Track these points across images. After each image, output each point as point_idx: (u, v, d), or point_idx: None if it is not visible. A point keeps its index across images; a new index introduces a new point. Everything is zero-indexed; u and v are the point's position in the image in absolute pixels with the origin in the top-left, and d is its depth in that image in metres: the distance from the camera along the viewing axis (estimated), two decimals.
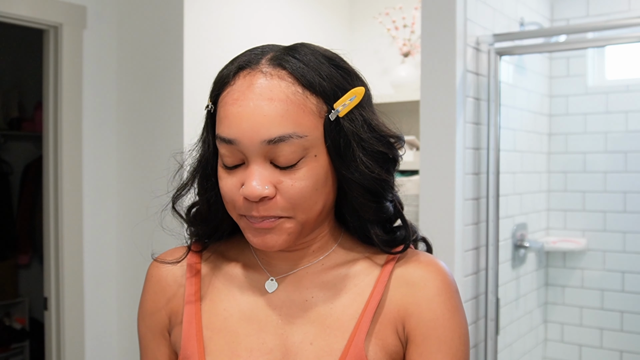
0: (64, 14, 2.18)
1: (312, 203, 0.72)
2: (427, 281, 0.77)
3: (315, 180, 0.71)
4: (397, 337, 0.76)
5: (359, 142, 0.72)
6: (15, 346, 3.61)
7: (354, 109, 0.73)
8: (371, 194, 0.74)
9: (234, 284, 0.81)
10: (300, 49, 0.75)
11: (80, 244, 2.23)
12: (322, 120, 0.71)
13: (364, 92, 0.75)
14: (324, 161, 0.72)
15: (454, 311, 0.77)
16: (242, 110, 0.69)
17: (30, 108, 3.77)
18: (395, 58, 2.77)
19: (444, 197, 1.96)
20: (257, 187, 0.69)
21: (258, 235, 0.72)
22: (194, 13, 2.09)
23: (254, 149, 0.69)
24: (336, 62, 0.75)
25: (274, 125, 0.68)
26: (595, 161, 2.74)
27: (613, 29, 2.01)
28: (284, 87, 0.70)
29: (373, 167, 0.73)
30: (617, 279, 2.69)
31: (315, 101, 0.71)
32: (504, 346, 2.37)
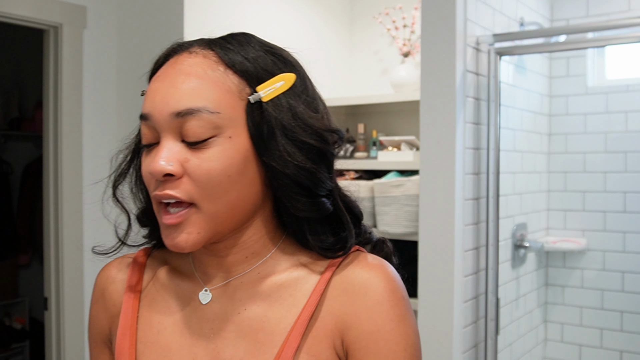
0: (64, 14, 2.18)
1: (221, 191, 0.66)
2: (368, 288, 0.70)
3: (227, 164, 0.66)
4: (334, 352, 0.69)
5: (281, 129, 0.68)
6: (15, 346, 3.61)
7: (281, 95, 0.69)
8: (299, 186, 0.69)
9: (171, 295, 0.77)
10: (235, 34, 0.73)
11: (80, 244, 2.23)
12: (243, 103, 0.68)
13: (294, 79, 0.71)
14: (241, 145, 0.67)
15: (399, 321, 0.69)
16: (158, 85, 0.68)
17: (30, 108, 3.77)
18: (395, 58, 2.77)
19: (444, 197, 1.96)
20: (161, 163, 0.65)
21: (169, 234, 0.68)
22: (194, 13, 2.09)
23: (164, 123, 0.66)
24: (270, 48, 0.73)
25: (183, 98, 0.65)
26: (595, 161, 2.74)
27: (613, 29, 2.01)
28: (205, 64, 0.68)
29: (296, 156, 0.68)
30: (617, 279, 2.69)
31: (237, 81, 0.68)
32: (504, 346, 2.37)
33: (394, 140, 2.56)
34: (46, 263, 2.25)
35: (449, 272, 1.95)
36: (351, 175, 2.64)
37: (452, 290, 1.95)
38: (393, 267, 0.75)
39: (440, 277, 1.97)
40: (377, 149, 2.68)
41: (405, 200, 2.41)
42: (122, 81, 2.32)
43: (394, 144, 2.57)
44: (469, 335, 2.07)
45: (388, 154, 2.55)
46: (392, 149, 2.57)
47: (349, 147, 2.75)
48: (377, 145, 2.69)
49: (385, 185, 2.46)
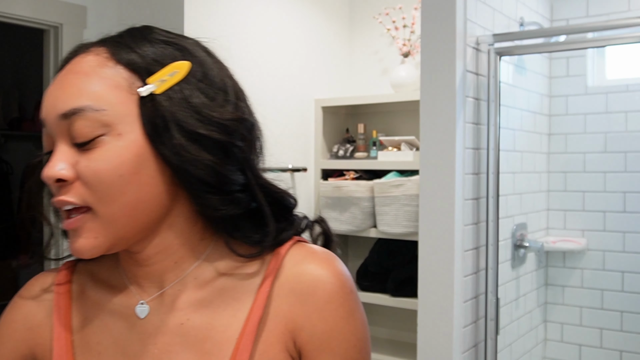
0: (64, 14, 2.18)
1: (115, 192, 0.62)
2: (316, 287, 0.67)
3: (117, 164, 0.62)
4: (287, 355, 0.67)
5: (175, 122, 0.63)
6: None
7: (176, 86, 0.65)
8: (204, 183, 0.64)
9: (105, 312, 0.71)
10: (132, 29, 0.70)
11: None
12: (136, 97, 0.64)
13: (188, 67, 0.66)
14: (133, 142, 0.63)
15: (348, 317, 0.68)
16: (50, 89, 0.65)
17: (30, 108, 3.77)
18: (395, 58, 2.77)
19: (444, 197, 1.96)
20: (51, 168, 0.62)
21: (69, 239, 0.65)
22: (194, 13, 2.09)
23: (54, 127, 0.63)
24: (169, 39, 0.68)
25: (69, 98, 0.62)
26: (595, 161, 2.74)
27: (613, 29, 2.01)
28: (94, 61, 0.65)
29: (192, 150, 0.63)
30: (617, 278, 2.69)
31: (127, 75, 0.64)
32: (504, 346, 2.37)
33: (394, 140, 2.56)
34: (46, 263, 2.25)
35: (449, 272, 1.95)
36: (351, 175, 2.64)
37: (452, 290, 1.95)
38: (334, 250, 0.73)
39: (440, 277, 1.97)
40: (377, 149, 2.68)
41: (405, 200, 2.41)
42: None
43: (394, 144, 2.57)
44: (469, 335, 2.07)
45: (388, 154, 2.55)
46: (392, 149, 2.57)
47: (349, 147, 2.75)
48: (377, 145, 2.69)
49: (385, 185, 2.46)
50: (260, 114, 0.70)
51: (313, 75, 2.73)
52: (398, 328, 2.79)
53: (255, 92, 2.99)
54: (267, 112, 3.06)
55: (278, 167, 2.59)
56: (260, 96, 3.01)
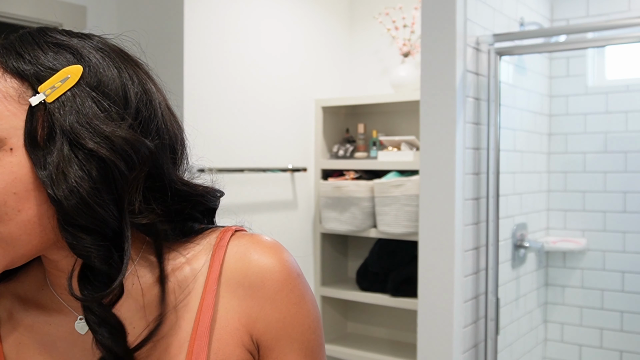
0: (64, 14, 2.18)
1: (10, 211, 0.57)
2: (264, 277, 0.65)
3: (9, 181, 0.56)
4: (244, 350, 0.65)
5: (66, 134, 0.57)
6: None
7: (69, 93, 0.59)
8: (75, 220, 0.57)
9: (42, 334, 0.66)
10: (24, 33, 0.63)
11: None
12: (27, 107, 0.58)
13: (80, 71, 0.60)
14: (25, 159, 0.57)
15: (300, 302, 0.67)
16: None
17: None
18: (395, 58, 2.77)
19: (444, 197, 1.96)
20: None
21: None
22: (194, 13, 2.09)
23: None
24: (60, 41, 0.62)
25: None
26: (595, 161, 2.74)
27: (613, 29, 2.01)
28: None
29: (74, 172, 0.57)
30: (617, 279, 2.69)
31: (17, 85, 0.58)
32: (504, 346, 2.37)
33: (394, 140, 2.56)
34: None
35: (449, 272, 1.95)
36: (351, 175, 2.64)
37: (452, 290, 1.95)
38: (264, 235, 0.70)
39: (440, 277, 1.97)
40: (377, 149, 2.68)
41: (405, 200, 2.41)
42: None
43: (394, 144, 2.57)
44: (469, 335, 2.07)
45: (388, 154, 2.55)
46: (392, 149, 2.57)
47: (349, 147, 2.75)
48: (377, 145, 2.69)
49: (385, 185, 2.46)
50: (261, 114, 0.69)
51: (313, 75, 2.73)
52: (398, 328, 2.79)
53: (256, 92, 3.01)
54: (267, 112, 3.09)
55: (278, 167, 2.60)
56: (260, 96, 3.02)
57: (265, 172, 2.46)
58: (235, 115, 2.30)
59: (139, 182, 0.61)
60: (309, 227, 2.74)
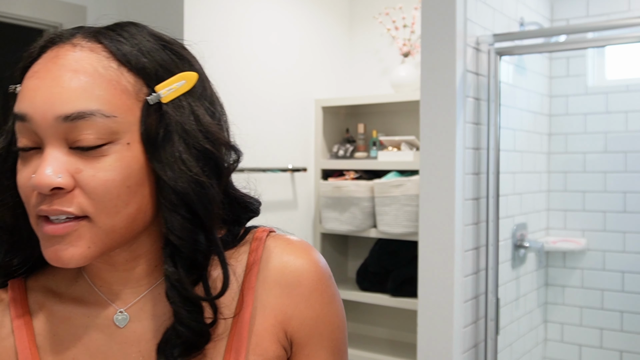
0: (64, 14, 2.18)
1: (120, 204, 0.58)
2: (300, 277, 0.68)
3: (126, 175, 0.58)
4: (279, 346, 0.67)
5: (181, 134, 0.60)
6: None
7: (182, 97, 0.62)
8: (184, 204, 0.61)
9: (78, 326, 0.66)
10: (124, 25, 0.64)
11: None
12: (141, 104, 0.60)
13: (195, 78, 0.64)
14: (139, 154, 0.59)
15: (331, 302, 0.70)
16: (38, 83, 0.57)
17: None
18: (395, 58, 2.77)
19: (444, 197, 1.96)
20: (48, 175, 0.55)
21: (50, 245, 0.58)
22: (194, 13, 2.09)
23: (48, 128, 0.56)
24: (166, 42, 0.64)
25: (72, 99, 0.56)
26: (595, 161, 2.74)
27: (613, 29, 2.01)
28: (95, 59, 0.58)
29: (192, 166, 0.60)
30: (617, 279, 2.69)
31: (133, 80, 0.60)
32: (504, 346, 2.37)
33: (394, 140, 2.56)
34: None
35: (449, 272, 1.95)
36: (351, 175, 2.64)
37: (452, 290, 1.95)
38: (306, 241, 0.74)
39: (440, 277, 1.97)
40: (377, 149, 2.68)
41: (405, 200, 2.41)
42: None
43: (394, 144, 2.57)
44: (469, 335, 2.07)
45: (388, 154, 2.55)
46: (392, 149, 2.57)
47: (349, 147, 2.75)
48: (377, 145, 2.69)
49: (385, 185, 2.46)
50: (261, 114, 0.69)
51: (313, 75, 2.73)
52: (398, 328, 2.79)
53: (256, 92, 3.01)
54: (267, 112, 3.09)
55: (278, 167, 2.59)
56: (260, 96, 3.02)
57: (265, 172, 2.47)
58: (235, 115, 2.30)
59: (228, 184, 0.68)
60: (309, 227, 2.74)
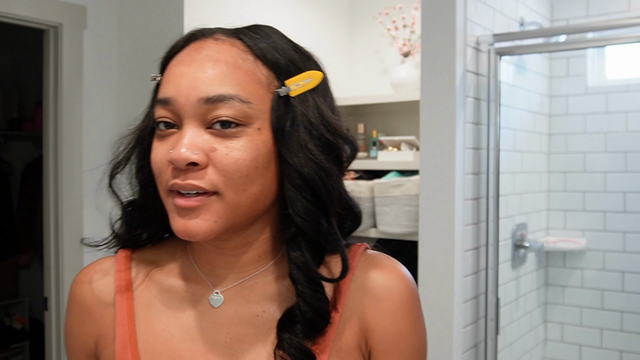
0: (64, 14, 2.18)
1: (247, 182, 0.63)
2: (390, 292, 0.70)
3: (255, 156, 0.63)
4: (359, 353, 0.70)
5: (307, 125, 0.66)
6: (15, 346, 3.61)
7: (307, 92, 0.67)
8: (311, 190, 0.66)
9: (173, 299, 0.71)
10: (259, 25, 0.70)
11: (80, 244, 2.23)
12: (271, 95, 0.66)
13: (321, 77, 0.69)
14: (267, 138, 0.65)
15: (416, 323, 0.72)
16: (183, 69, 0.64)
17: (30, 108, 3.77)
18: (395, 58, 2.77)
19: (444, 197, 1.96)
20: (185, 151, 0.61)
21: (180, 217, 0.63)
22: (194, 13, 2.09)
23: (190, 108, 0.63)
24: (295, 44, 0.71)
25: (214, 83, 0.62)
26: (595, 161, 2.74)
27: (613, 29, 2.01)
28: (234, 52, 0.65)
29: (316, 154, 0.66)
30: (617, 279, 2.69)
31: (266, 73, 0.66)
32: (504, 346, 2.37)
33: (394, 140, 2.56)
34: (46, 263, 2.25)
35: (449, 272, 1.95)
36: (351, 175, 2.64)
37: (452, 290, 1.95)
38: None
39: (440, 277, 1.97)
40: (377, 149, 2.68)
41: (405, 200, 2.41)
42: (122, 81, 2.32)
43: (394, 144, 2.57)
44: (469, 335, 2.07)
45: (388, 154, 2.55)
46: (392, 149, 2.57)
47: None
48: (377, 145, 2.69)
49: (385, 185, 2.46)
50: None
51: None
52: None
53: None
54: None
55: None
56: None
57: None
58: None
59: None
60: None
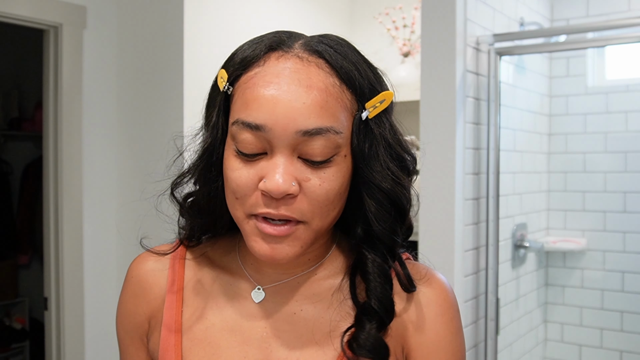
0: (64, 14, 2.18)
1: (332, 208, 0.65)
2: (431, 299, 0.71)
3: (341, 183, 0.65)
4: (394, 358, 0.70)
5: (385, 146, 0.67)
6: (15, 346, 3.61)
7: (381, 113, 0.67)
8: (390, 202, 0.68)
9: (219, 291, 0.74)
10: (332, 37, 0.68)
11: (80, 244, 2.23)
12: (352, 118, 0.65)
13: (392, 97, 0.69)
14: (350, 163, 0.66)
15: (456, 333, 0.71)
16: (276, 94, 0.61)
17: (30, 108, 3.77)
18: (395, 58, 2.77)
19: (444, 197, 1.96)
20: (283, 182, 0.61)
21: (267, 243, 0.64)
22: (194, 13, 2.09)
23: (286, 139, 0.61)
24: (368, 61, 0.70)
25: (312, 116, 0.61)
26: (595, 161, 2.74)
27: (613, 29, 2.01)
28: (323, 76, 0.63)
29: (396, 172, 0.68)
30: (617, 279, 2.68)
31: (350, 97, 0.65)
32: (504, 346, 2.37)
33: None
34: (46, 263, 2.25)
35: (449, 272, 1.95)
36: None
37: None
38: None
39: None
40: None
41: None
42: (122, 81, 2.32)
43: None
44: (469, 335, 2.07)
45: None
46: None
47: None
48: None
49: None
50: None
51: None
52: None
53: None
54: None
55: None
56: None
57: None
58: None
59: None
60: None
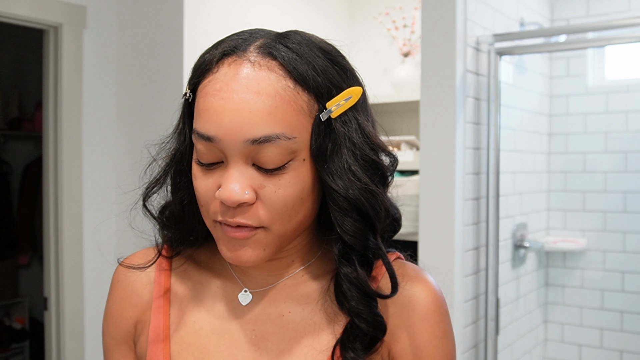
0: (64, 14, 2.18)
1: (293, 213, 0.64)
2: (416, 302, 0.69)
3: (301, 188, 0.63)
4: (379, 357, 0.69)
5: (350, 147, 0.64)
6: (15, 346, 3.61)
7: (347, 110, 0.64)
8: (357, 212, 0.64)
9: (206, 294, 0.74)
10: (293, 36, 0.65)
11: (80, 244, 2.23)
12: (312, 120, 0.63)
13: (360, 93, 0.66)
14: (311, 166, 0.64)
15: (443, 337, 0.70)
16: (224, 104, 0.60)
17: (30, 108, 3.77)
18: (395, 58, 2.77)
19: (444, 197, 1.96)
20: (236, 191, 0.60)
21: (232, 248, 0.64)
22: (194, 13, 2.09)
23: (236, 149, 0.61)
24: (332, 56, 0.66)
25: (259, 124, 0.60)
26: (595, 161, 2.74)
27: (613, 29, 2.01)
28: (274, 80, 0.61)
29: (361, 176, 0.64)
30: (617, 279, 2.68)
31: (307, 98, 0.62)
32: (504, 346, 2.37)
33: (394, 140, 2.56)
34: (46, 263, 2.25)
35: (449, 272, 1.95)
36: None
37: (452, 290, 1.95)
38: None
39: (440, 277, 1.97)
40: None
41: (405, 200, 2.41)
42: (122, 81, 2.32)
43: (394, 144, 2.57)
44: (469, 335, 2.07)
45: None
46: (392, 149, 2.57)
47: None
48: None
49: None
50: None
51: None
52: None
53: None
54: None
55: None
56: None
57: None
58: None
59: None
60: None
